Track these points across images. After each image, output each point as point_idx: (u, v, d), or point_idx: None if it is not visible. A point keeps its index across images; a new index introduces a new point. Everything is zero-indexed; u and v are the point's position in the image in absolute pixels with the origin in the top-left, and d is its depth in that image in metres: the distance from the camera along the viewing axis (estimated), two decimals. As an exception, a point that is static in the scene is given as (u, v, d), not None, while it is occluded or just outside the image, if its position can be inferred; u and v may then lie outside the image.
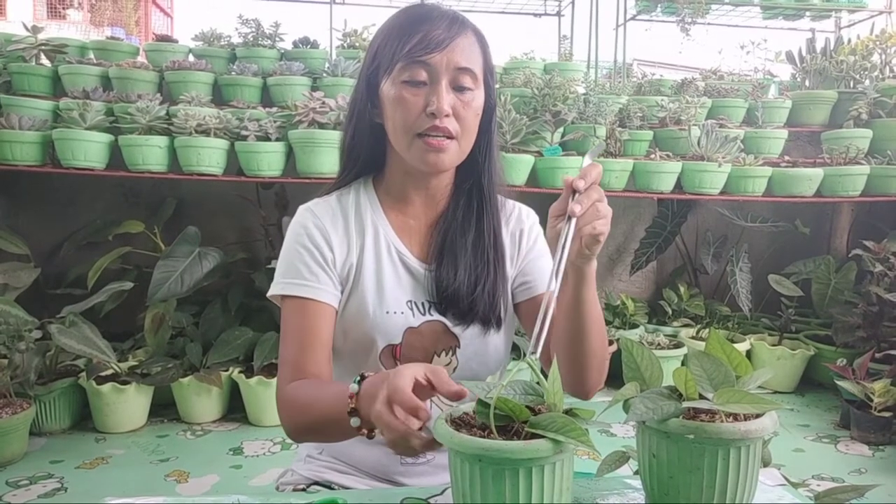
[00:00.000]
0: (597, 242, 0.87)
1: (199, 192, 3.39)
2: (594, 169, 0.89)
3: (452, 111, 0.96)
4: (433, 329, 1.03)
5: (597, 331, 0.97)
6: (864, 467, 2.53)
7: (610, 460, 0.81)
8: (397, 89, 0.96)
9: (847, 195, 3.20)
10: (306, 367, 0.96)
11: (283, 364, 0.99)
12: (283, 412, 0.96)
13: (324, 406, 0.88)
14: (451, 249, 1.05)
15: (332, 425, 0.86)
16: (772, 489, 0.86)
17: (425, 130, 0.96)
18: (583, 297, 0.93)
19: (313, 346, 0.98)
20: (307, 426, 0.93)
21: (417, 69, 0.95)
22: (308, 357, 0.97)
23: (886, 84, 3.49)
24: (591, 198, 0.87)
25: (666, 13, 4.20)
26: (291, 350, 0.98)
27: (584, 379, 0.99)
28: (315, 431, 0.93)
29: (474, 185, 1.08)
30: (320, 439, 0.99)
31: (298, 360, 0.97)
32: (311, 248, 1.02)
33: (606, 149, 3.14)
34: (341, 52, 3.55)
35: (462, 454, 0.64)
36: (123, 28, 9.64)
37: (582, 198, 0.86)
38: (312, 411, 0.90)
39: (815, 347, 3.33)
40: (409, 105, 0.96)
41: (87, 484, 2.31)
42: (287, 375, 0.97)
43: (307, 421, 0.92)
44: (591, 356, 0.98)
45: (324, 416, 0.88)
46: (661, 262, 3.85)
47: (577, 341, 0.96)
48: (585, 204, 0.86)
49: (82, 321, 2.69)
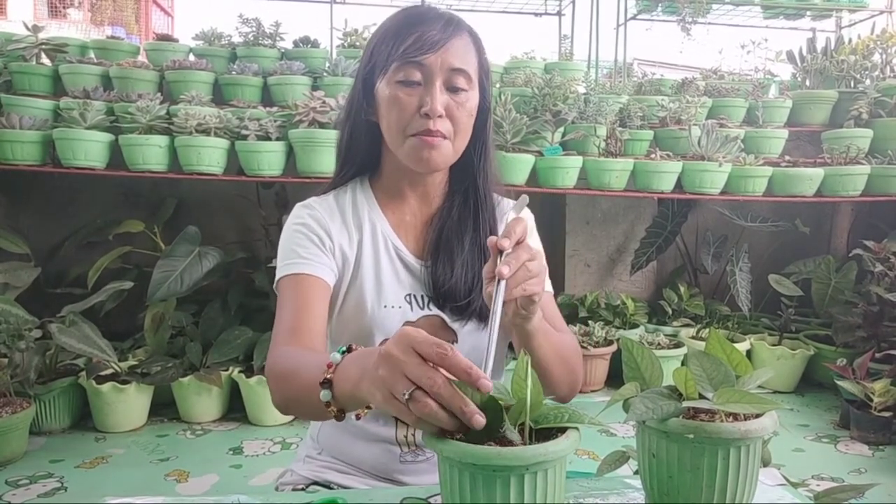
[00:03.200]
0: (532, 303, 0.84)
1: (199, 191, 3.39)
2: (518, 224, 0.81)
3: (446, 112, 0.97)
4: (431, 323, 1.04)
5: (557, 367, 0.96)
6: (863, 467, 2.53)
7: (610, 460, 0.81)
8: (392, 89, 0.97)
9: (847, 195, 3.20)
10: (300, 335, 0.92)
11: (277, 331, 0.95)
12: (269, 380, 0.90)
13: (304, 375, 0.80)
14: (446, 247, 1.05)
15: (307, 398, 0.77)
16: (772, 489, 0.86)
17: (418, 131, 0.97)
18: (532, 347, 0.90)
19: (307, 315, 0.95)
20: (290, 396, 0.86)
21: (412, 69, 0.96)
22: (302, 325, 0.93)
23: (887, 84, 3.48)
24: (521, 258, 0.80)
25: (666, 13, 4.21)
26: (285, 319, 0.95)
27: (554, 395, 1.00)
28: (296, 402, 0.85)
29: (470, 185, 1.08)
30: (302, 413, 0.87)
31: (291, 327, 0.93)
32: (307, 233, 1.02)
33: (607, 148, 3.14)
34: (342, 52, 3.55)
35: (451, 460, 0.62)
36: (124, 27, 9.64)
37: (510, 258, 0.79)
38: (293, 380, 0.83)
39: (815, 347, 3.33)
40: (404, 105, 0.97)
41: (86, 483, 2.31)
42: (279, 343, 0.92)
43: (289, 390, 0.85)
44: (556, 385, 0.98)
45: (302, 386, 0.79)
46: (661, 261, 3.85)
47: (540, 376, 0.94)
48: (514, 265, 0.79)
49: (82, 320, 2.69)
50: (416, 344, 0.62)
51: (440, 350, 0.61)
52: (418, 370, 0.61)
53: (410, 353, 0.62)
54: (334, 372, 0.73)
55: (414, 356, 0.62)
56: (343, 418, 0.75)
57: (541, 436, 0.65)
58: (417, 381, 0.61)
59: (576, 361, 1.02)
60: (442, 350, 0.61)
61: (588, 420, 0.65)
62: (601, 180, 3.06)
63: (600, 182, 3.07)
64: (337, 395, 0.72)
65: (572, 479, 0.86)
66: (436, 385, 0.60)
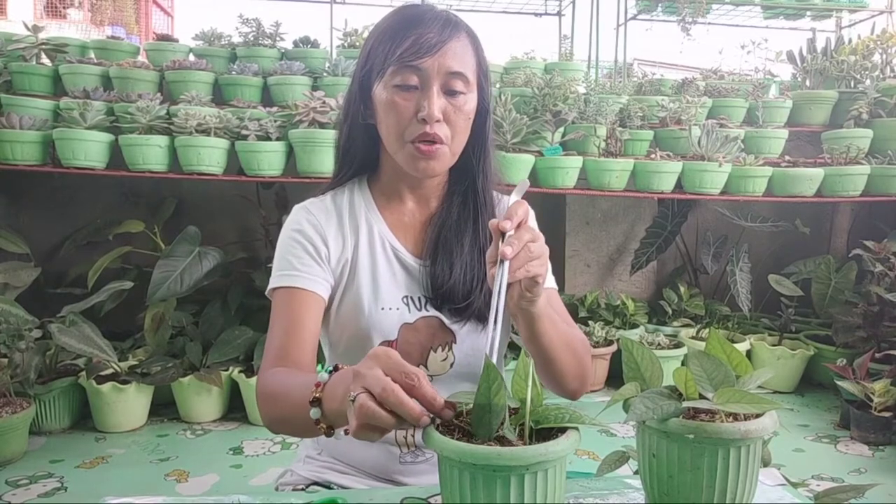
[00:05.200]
0: (535, 284, 0.83)
1: (199, 191, 3.39)
2: (520, 207, 0.82)
3: (444, 116, 0.96)
4: (429, 324, 1.04)
5: (565, 355, 0.95)
6: (863, 467, 2.53)
7: (610, 460, 0.81)
8: (389, 93, 0.96)
9: (847, 195, 3.20)
10: (288, 354, 0.93)
11: (268, 349, 0.96)
12: (258, 401, 0.91)
13: (293, 395, 0.82)
14: (445, 247, 1.05)
15: (297, 416, 0.79)
16: (772, 489, 0.86)
17: (416, 137, 0.96)
18: (538, 332, 0.90)
19: (298, 333, 0.95)
20: (279, 416, 0.88)
21: (409, 74, 0.95)
22: (291, 343, 0.94)
23: (887, 84, 3.48)
24: (523, 239, 0.80)
25: (666, 13, 4.21)
26: (276, 336, 0.96)
27: (563, 389, 0.99)
28: (285, 422, 0.87)
29: (469, 185, 1.08)
30: (291, 431, 0.90)
31: (282, 346, 0.94)
32: (303, 241, 1.02)
33: (607, 148, 3.14)
34: (342, 52, 3.55)
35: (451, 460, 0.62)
36: (124, 27, 9.64)
37: (512, 239, 0.79)
38: (282, 401, 0.85)
39: (815, 347, 3.33)
40: (401, 110, 0.96)
41: (86, 483, 2.31)
42: (269, 362, 0.94)
43: (278, 410, 0.87)
44: (564, 375, 0.97)
45: (291, 406, 0.82)
46: (661, 261, 3.85)
47: (547, 365, 0.95)
48: (517, 246, 0.79)
49: (82, 320, 2.69)
50: (385, 368, 0.66)
51: (408, 380, 0.65)
52: (373, 379, 0.65)
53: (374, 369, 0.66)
54: (323, 390, 0.75)
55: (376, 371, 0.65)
56: (332, 434, 0.77)
57: (541, 436, 0.65)
58: (368, 388, 0.65)
59: (584, 353, 1.00)
60: (409, 380, 0.65)
61: (588, 420, 0.65)
62: (601, 180, 3.06)
63: (600, 182, 3.07)
64: (326, 412, 0.75)
65: (572, 479, 0.86)
66: (383, 390, 0.63)
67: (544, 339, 0.91)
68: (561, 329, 0.95)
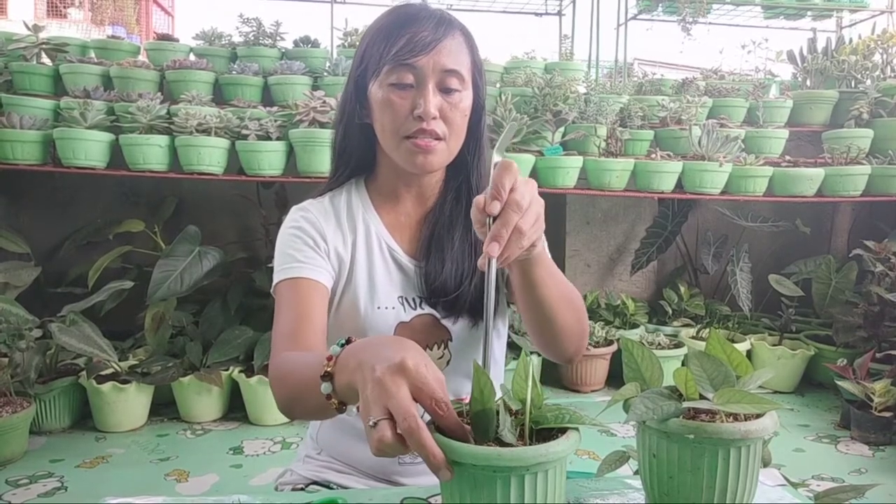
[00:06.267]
0: (534, 248, 0.80)
1: (199, 191, 3.40)
2: (506, 175, 0.73)
3: (440, 113, 0.96)
4: (424, 322, 1.04)
5: (564, 309, 0.92)
6: (864, 467, 2.53)
7: (610, 460, 0.81)
8: (384, 92, 0.96)
9: (848, 195, 3.20)
10: (298, 340, 0.90)
11: (277, 337, 0.93)
12: (272, 385, 0.88)
13: (304, 372, 0.78)
14: (438, 244, 1.05)
15: (309, 394, 0.74)
16: (772, 489, 0.86)
17: (412, 133, 0.96)
18: (534, 281, 0.87)
19: (307, 319, 0.94)
20: (290, 395, 0.84)
21: (404, 72, 0.95)
22: (301, 329, 0.92)
23: (887, 84, 3.48)
24: (510, 222, 0.72)
25: (667, 12, 4.20)
26: (284, 323, 0.94)
27: (561, 352, 0.98)
28: (297, 401, 0.82)
29: (463, 182, 1.08)
30: (303, 412, 0.84)
31: (291, 332, 0.92)
32: (303, 236, 1.02)
33: (607, 148, 3.13)
34: (342, 52, 3.55)
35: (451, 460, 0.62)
36: (124, 27, 9.63)
37: (499, 228, 0.72)
38: (293, 378, 0.82)
39: (816, 347, 3.33)
40: (396, 108, 0.96)
41: (87, 483, 2.31)
42: (279, 349, 0.91)
43: (289, 389, 0.83)
44: (563, 335, 0.95)
45: (303, 384, 0.77)
46: (661, 261, 3.85)
47: (544, 324, 0.93)
48: (504, 235, 0.72)
49: (83, 320, 2.69)
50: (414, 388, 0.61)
51: (437, 409, 0.61)
52: (399, 407, 0.59)
53: (402, 390, 0.60)
54: (334, 364, 0.71)
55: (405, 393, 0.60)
56: (345, 411, 0.73)
57: (541, 436, 0.65)
58: (392, 412, 0.60)
59: (581, 308, 0.97)
60: (439, 409, 0.61)
61: (588, 421, 0.65)
62: (601, 180, 3.06)
63: (600, 182, 3.07)
64: (337, 387, 0.70)
65: (572, 480, 0.86)
66: (407, 426, 0.59)
67: (542, 290, 0.88)
68: (559, 279, 0.92)
